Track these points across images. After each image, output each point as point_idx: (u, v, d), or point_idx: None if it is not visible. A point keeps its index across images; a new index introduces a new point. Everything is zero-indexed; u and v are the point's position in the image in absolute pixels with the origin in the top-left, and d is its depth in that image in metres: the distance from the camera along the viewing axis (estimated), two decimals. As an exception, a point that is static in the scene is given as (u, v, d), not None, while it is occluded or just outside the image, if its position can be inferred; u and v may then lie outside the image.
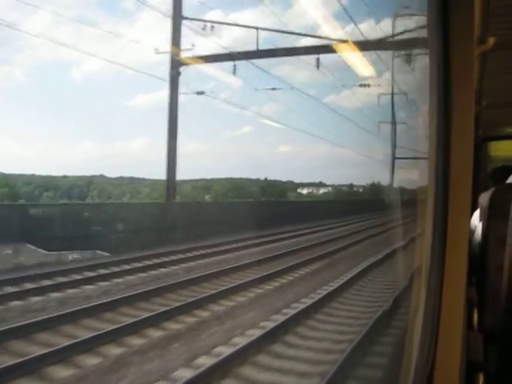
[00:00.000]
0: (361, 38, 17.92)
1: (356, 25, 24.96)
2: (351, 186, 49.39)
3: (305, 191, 45.57)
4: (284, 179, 39.60)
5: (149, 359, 5.55)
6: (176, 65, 18.95)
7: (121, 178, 34.14)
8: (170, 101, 19.11)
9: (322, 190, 48.14)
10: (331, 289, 8.95)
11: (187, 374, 5.02)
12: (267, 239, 16.20)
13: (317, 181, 47.19)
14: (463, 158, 1.37)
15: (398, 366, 1.55)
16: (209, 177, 38.49)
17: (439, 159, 1.39)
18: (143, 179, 33.29)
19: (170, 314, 7.09)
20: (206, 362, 5.34)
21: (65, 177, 34.30)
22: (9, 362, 5.09)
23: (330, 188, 50.83)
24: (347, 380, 5.04)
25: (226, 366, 5.19)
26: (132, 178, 32.37)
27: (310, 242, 16.10)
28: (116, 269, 10.53)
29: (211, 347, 5.94)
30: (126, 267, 10.75)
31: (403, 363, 1.47)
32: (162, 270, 10.93)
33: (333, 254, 13.61)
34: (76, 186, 29.98)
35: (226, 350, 5.66)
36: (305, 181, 43.31)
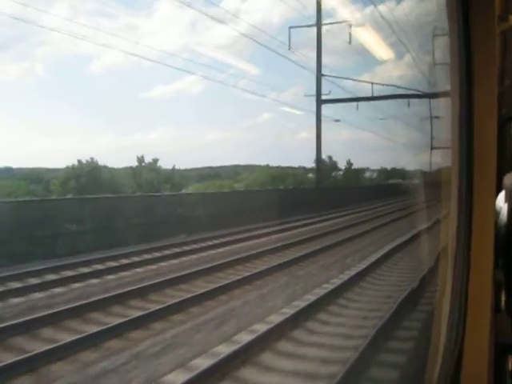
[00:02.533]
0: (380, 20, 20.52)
1: (375, 6, 25.94)
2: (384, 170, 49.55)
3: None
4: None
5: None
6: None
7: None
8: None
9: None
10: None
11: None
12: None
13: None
14: (487, 138, 1.32)
15: (427, 346, 1.56)
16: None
17: (462, 140, 1.36)
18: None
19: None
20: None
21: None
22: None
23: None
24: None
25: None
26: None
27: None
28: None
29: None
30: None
31: (431, 345, 1.47)
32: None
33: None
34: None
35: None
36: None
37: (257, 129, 54.87)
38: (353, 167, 41.75)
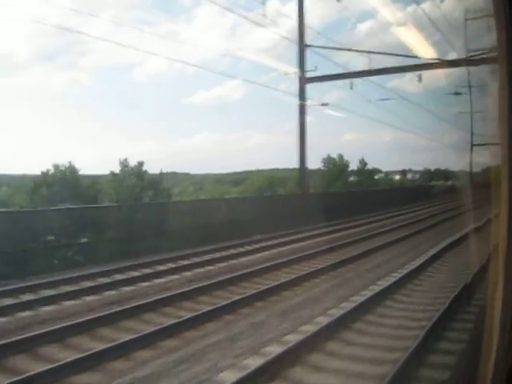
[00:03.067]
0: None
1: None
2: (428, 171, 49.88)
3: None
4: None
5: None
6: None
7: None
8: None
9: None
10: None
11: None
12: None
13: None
14: None
15: (479, 346, 1.54)
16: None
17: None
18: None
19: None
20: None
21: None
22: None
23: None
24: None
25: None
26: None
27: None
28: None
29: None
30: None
31: (483, 346, 1.45)
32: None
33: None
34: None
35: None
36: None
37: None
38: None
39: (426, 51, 18.74)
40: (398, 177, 51.27)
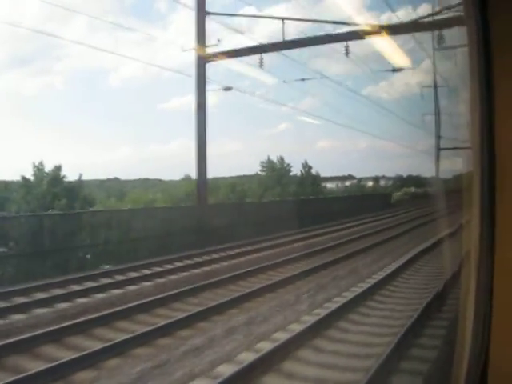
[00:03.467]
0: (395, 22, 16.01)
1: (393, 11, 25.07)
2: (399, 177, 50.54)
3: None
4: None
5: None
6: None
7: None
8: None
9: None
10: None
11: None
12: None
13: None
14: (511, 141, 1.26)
15: (451, 353, 1.51)
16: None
17: (483, 143, 1.30)
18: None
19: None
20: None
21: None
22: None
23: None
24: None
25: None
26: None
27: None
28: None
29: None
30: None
31: (456, 353, 1.42)
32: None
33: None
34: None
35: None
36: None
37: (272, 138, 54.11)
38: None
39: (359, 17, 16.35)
40: (370, 183, 52.63)
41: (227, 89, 19.83)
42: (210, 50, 18.66)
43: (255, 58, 18.47)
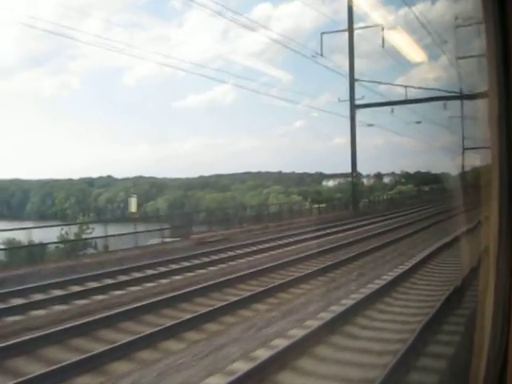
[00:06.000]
0: (413, 21, 23.24)
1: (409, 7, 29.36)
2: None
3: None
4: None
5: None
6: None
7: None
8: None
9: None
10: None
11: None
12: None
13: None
14: None
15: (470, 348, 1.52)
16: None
17: (502, 139, 1.31)
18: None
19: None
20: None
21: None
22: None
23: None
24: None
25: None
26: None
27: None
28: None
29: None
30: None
31: (475, 348, 1.44)
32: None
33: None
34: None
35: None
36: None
37: (289, 136, 54.67)
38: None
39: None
40: (371, 180, 49.73)
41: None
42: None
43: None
